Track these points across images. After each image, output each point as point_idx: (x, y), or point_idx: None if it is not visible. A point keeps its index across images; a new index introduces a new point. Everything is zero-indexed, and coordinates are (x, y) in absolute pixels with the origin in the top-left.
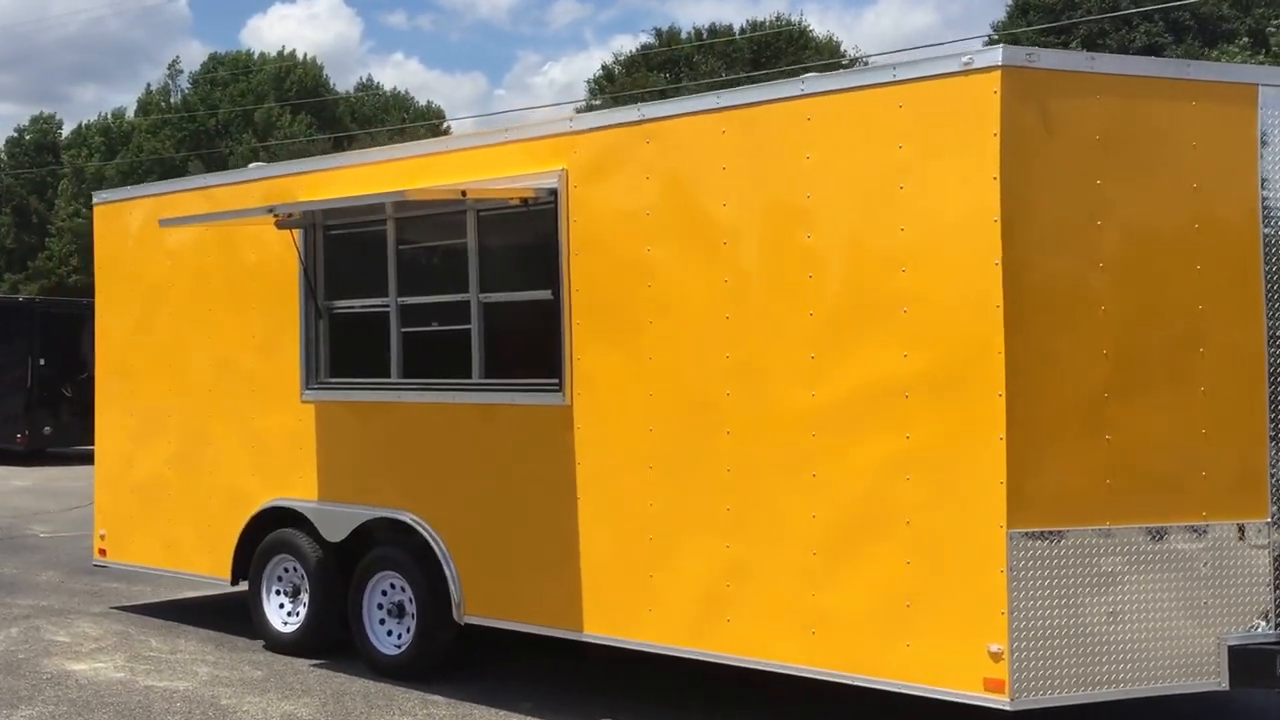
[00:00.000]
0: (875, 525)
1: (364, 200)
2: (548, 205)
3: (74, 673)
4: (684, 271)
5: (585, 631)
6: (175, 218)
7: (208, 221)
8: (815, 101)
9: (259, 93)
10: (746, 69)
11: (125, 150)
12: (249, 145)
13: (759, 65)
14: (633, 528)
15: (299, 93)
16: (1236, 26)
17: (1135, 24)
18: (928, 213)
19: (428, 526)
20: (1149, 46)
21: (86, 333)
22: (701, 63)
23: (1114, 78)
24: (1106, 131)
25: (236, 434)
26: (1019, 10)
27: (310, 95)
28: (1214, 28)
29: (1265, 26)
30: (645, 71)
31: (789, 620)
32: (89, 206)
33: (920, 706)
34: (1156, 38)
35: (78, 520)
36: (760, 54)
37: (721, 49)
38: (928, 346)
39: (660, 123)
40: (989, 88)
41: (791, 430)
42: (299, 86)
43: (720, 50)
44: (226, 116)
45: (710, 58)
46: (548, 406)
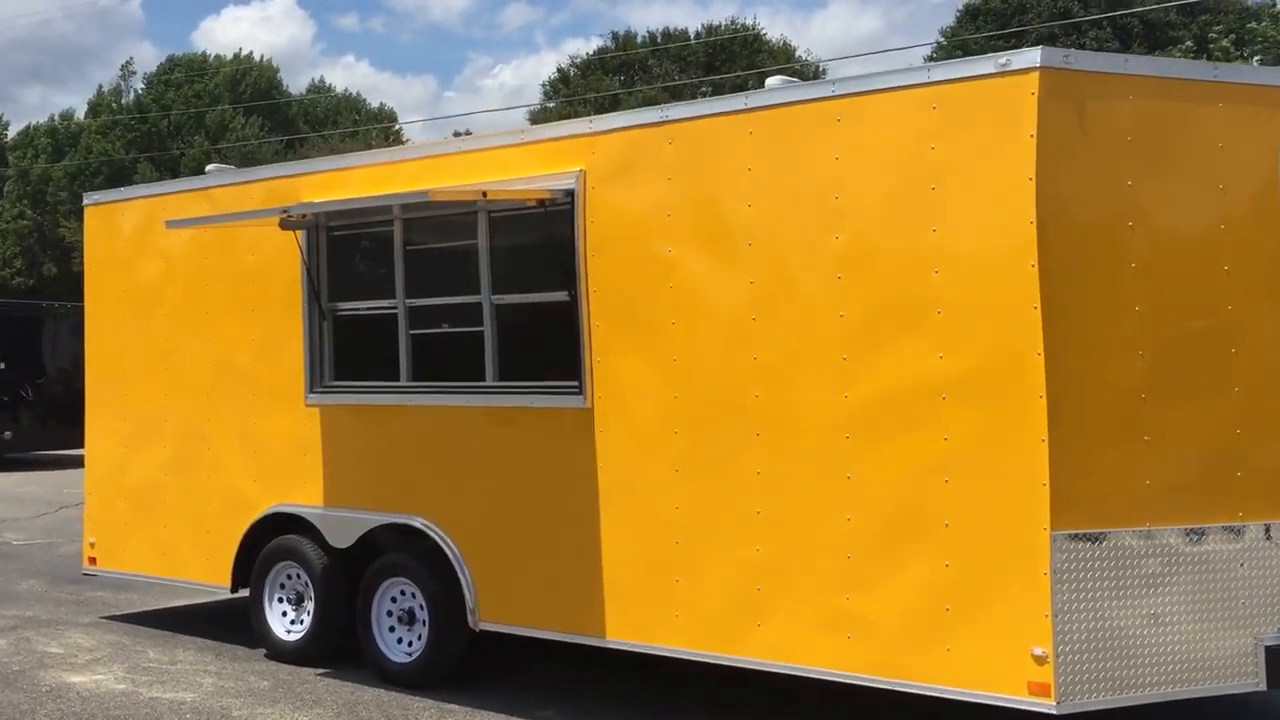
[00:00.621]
0: (912, 528)
1: (384, 200)
2: (565, 206)
3: (74, 685)
4: (708, 273)
5: (608, 638)
6: (183, 219)
7: (217, 223)
8: (845, 103)
9: (214, 95)
10: (701, 73)
11: (73, 152)
12: (201, 148)
13: (714, 69)
14: (657, 531)
15: (253, 95)
16: (1181, 33)
17: (1084, 29)
18: (962, 214)
19: (440, 531)
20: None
21: (46, 335)
22: (656, 66)
23: (1145, 79)
24: (1137, 133)
25: (236, 438)
26: (968, 16)
27: (264, 97)
28: (1160, 34)
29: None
30: (600, 75)
31: (823, 624)
32: (34, 209)
33: (926, 708)
34: (1105, 43)
35: (50, 527)
36: (715, 57)
37: (676, 53)
38: (964, 348)
39: (683, 124)
40: (1026, 89)
41: (824, 432)
42: (253, 89)
43: (675, 54)
44: (179, 118)
45: (665, 61)
46: (567, 409)
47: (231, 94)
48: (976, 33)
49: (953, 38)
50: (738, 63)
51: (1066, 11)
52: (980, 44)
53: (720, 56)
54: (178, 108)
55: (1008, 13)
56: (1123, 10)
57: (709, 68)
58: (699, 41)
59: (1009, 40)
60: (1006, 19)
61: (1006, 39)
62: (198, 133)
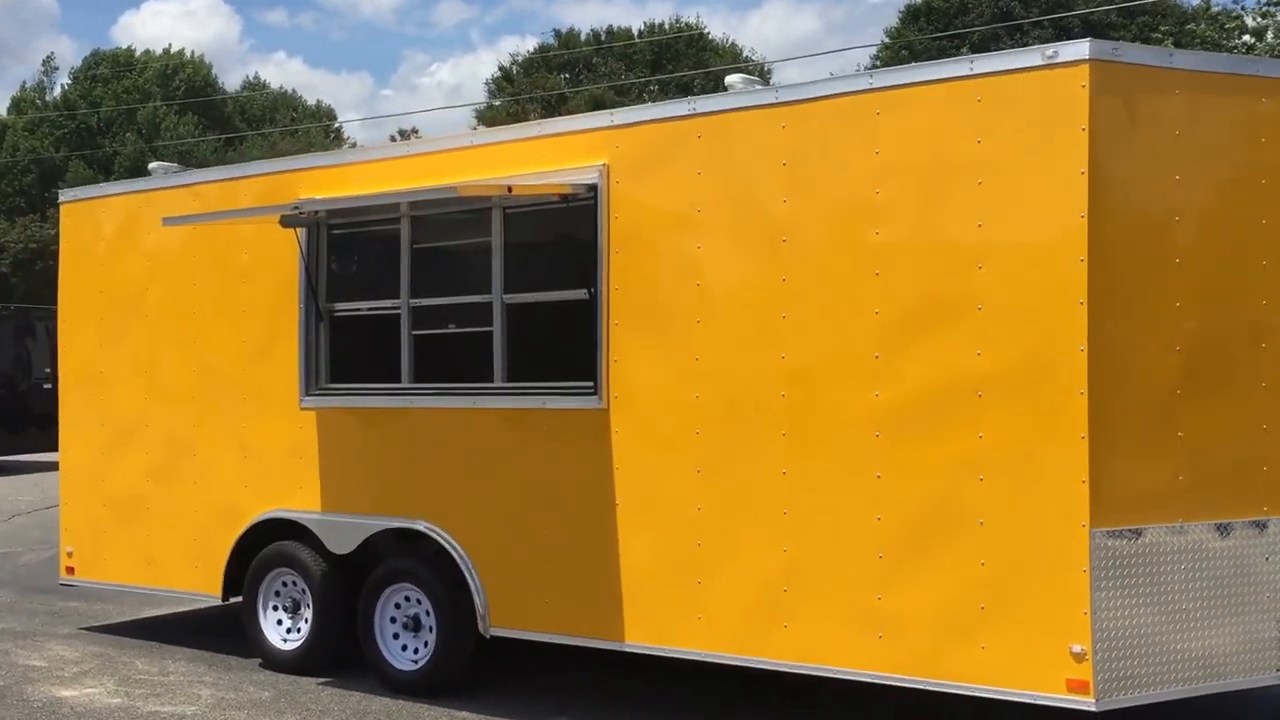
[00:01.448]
0: (946, 526)
1: (409, 196)
2: (586, 202)
3: (65, 700)
4: (737, 270)
5: (626, 641)
6: (181, 216)
7: (218, 219)
8: (884, 96)
9: (145, 91)
10: (647, 71)
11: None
12: (134, 145)
13: (659, 68)
14: (678, 533)
15: (187, 92)
16: (1122, 34)
17: (1026, 30)
18: (1009, 208)
19: (448, 536)
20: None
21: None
22: (601, 64)
23: (1189, 73)
24: (1184, 127)
25: (225, 443)
26: (911, 16)
27: (198, 94)
28: (1100, 34)
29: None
30: (545, 72)
31: (853, 624)
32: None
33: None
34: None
35: (10, 535)
36: (661, 56)
37: (620, 51)
38: (1004, 344)
39: (713, 117)
40: (1077, 81)
41: (854, 431)
42: (186, 85)
43: (620, 52)
44: (110, 115)
45: (610, 59)
46: (582, 410)
47: (163, 90)
48: (919, 33)
49: (897, 38)
50: (683, 61)
51: (1008, 12)
52: (923, 43)
53: (666, 55)
54: (107, 104)
55: (950, 12)
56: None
57: (655, 66)
58: (644, 40)
59: (953, 41)
60: (949, 19)
61: (950, 39)
62: (129, 130)
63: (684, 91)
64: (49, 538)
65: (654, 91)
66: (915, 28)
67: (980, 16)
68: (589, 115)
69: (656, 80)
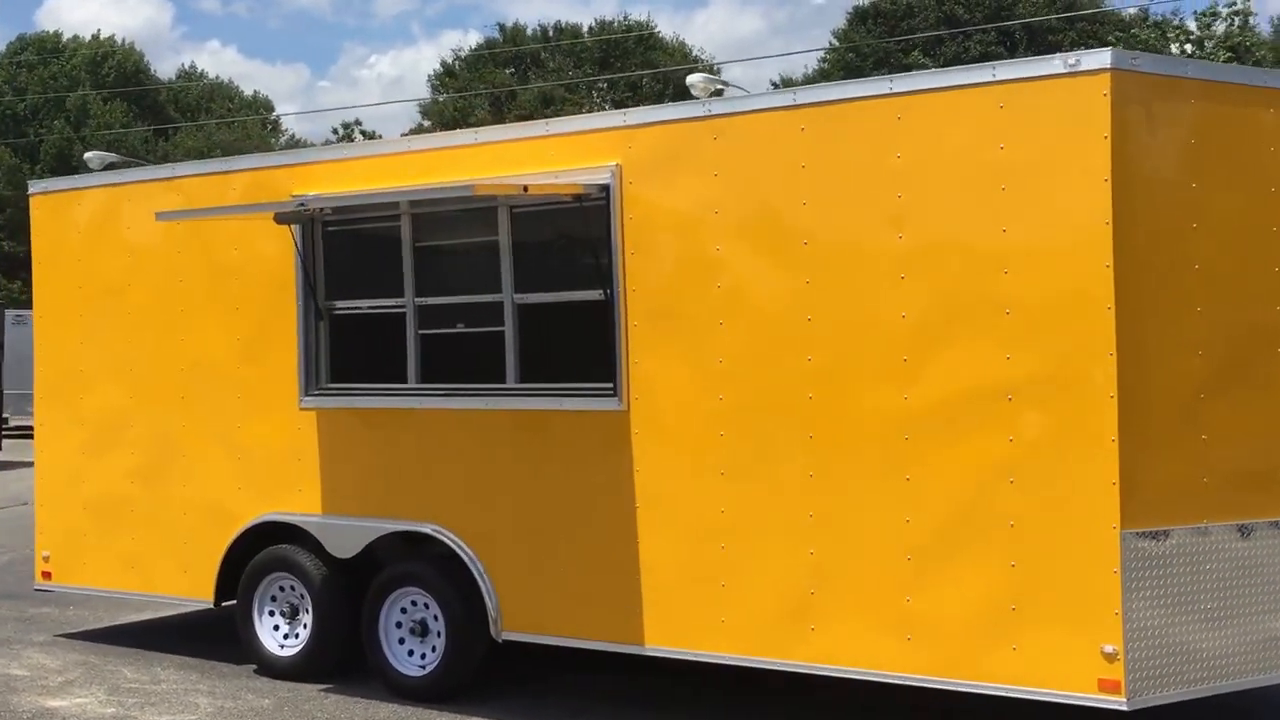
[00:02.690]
0: (976, 528)
1: (418, 194)
2: (598, 202)
3: (56, 710)
4: (759, 272)
5: (647, 645)
6: (175, 211)
7: (215, 215)
8: (906, 100)
9: (73, 77)
10: (595, 69)
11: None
12: (62, 133)
13: (607, 65)
14: (701, 536)
15: (117, 79)
16: (1063, 39)
17: (970, 34)
18: (1033, 214)
19: (457, 539)
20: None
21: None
22: (549, 60)
23: (1203, 83)
24: (1198, 135)
25: (216, 444)
26: (858, 18)
27: (129, 82)
28: (1042, 39)
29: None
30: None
31: (881, 626)
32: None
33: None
34: (990, 47)
35: None
36: (609, 54)
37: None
38: (1033, 349)
39: (730, 118)
40: (1099, 90)
41: (882, 434)
42: (116, 72)
43: (567, 49)
44: (36, 102)
45: (558, 56)
46: (601, 412)
47: (93, 77)
48: (867, 35)
49: (844, 40)
50: (632, 59)
51: (953, 14)
52: (871, 46)
53: (614, 53)
54: (33, 90)
55: (897, 15)
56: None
57: (603, 64)
58: (593, 39)
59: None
60: (895, 22)
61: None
62: (57, 117)
63: (633, 90)
64: (6, 541)
65: (603, 89)
66: (863, 29)
67: (926, 20)
68: (600, 115)
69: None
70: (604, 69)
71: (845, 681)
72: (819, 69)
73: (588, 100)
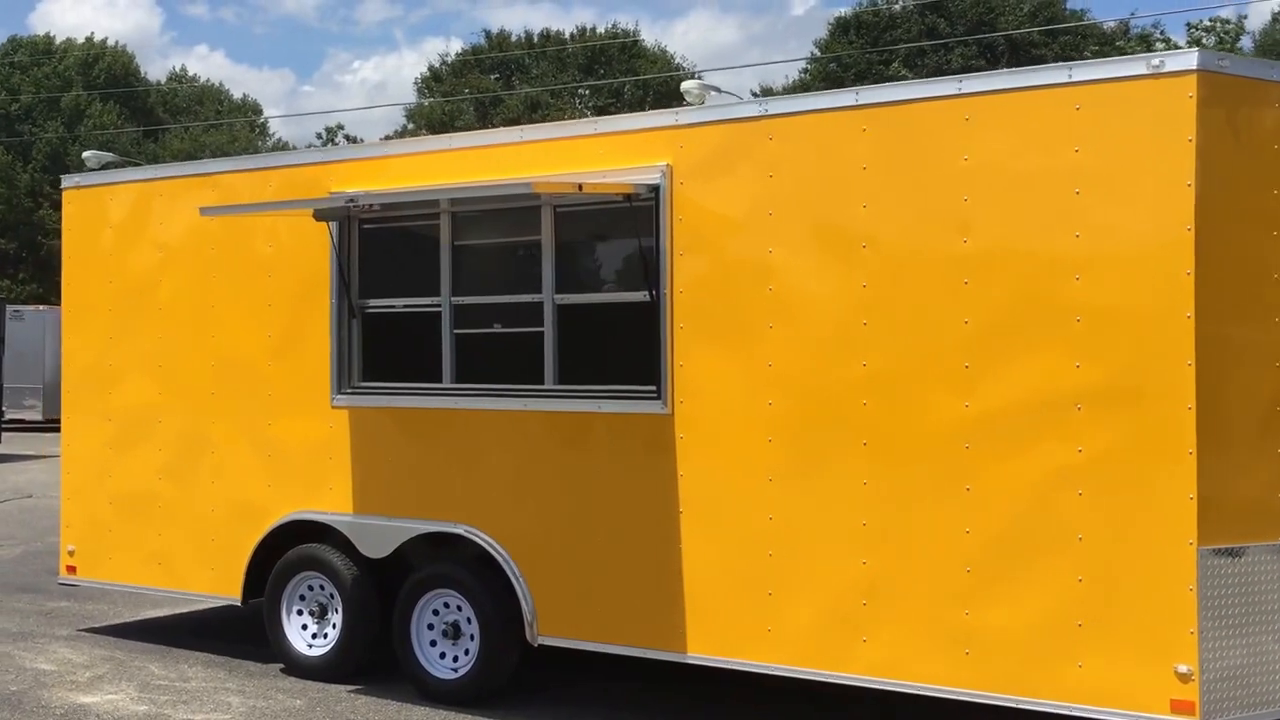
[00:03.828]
0: (1041, 541)
1: (476, 191)
2: (646, 202)
3: (88, 706)
4: (813, 275)
5: (689, 653)
6: (219, 206)
7: (258, 211)
8: (975, 101)
9: (65, 78)
10: (580, 75)
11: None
12: (55, 133)
13: (590, 72)
14: (748, 543)
15: (108, 81)
16: (1045, 53)
17: (952, 47)
18: (1109, 219)
19: (493, 542)
20: (964, 67)
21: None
22: (533, 66)
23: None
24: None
25: (246, 441)
26: (840, 29)
27: (120, 84)
28: (1025, 53)
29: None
30: (479, 73)
31: (937, 640)
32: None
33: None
34: (971, 60)
35: None
36: (594, 60)
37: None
38: (1105, 357)
39: (787, 119)
40: (1184, 92)
41: (942, 442)
42: (108, 74)
43: (552, 55)
44: (30, 102)
45: (542, 62)
46: (644, 415)
47: (85, 79)
48: (849, 45)
49: (827, 50)
50: (616, 66)
51: (934, 27)
52: (853, 57)
53: (598, 60)
54: (26, 90)
55: (879, 27)
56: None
57: (587, 70)
58: (577, 45)
59: (881, 54)
60: (878, 33)
61: (879, 53)
62: (50, 118)
63: (615, 96)
64: (14, 533)
65: (585, 95)
66: (845, 40)
67: (908, 32)
68: (650, 114)
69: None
70: (588, 75)
71: (887, 695)
72: (800, 79)
73: (570, 106)
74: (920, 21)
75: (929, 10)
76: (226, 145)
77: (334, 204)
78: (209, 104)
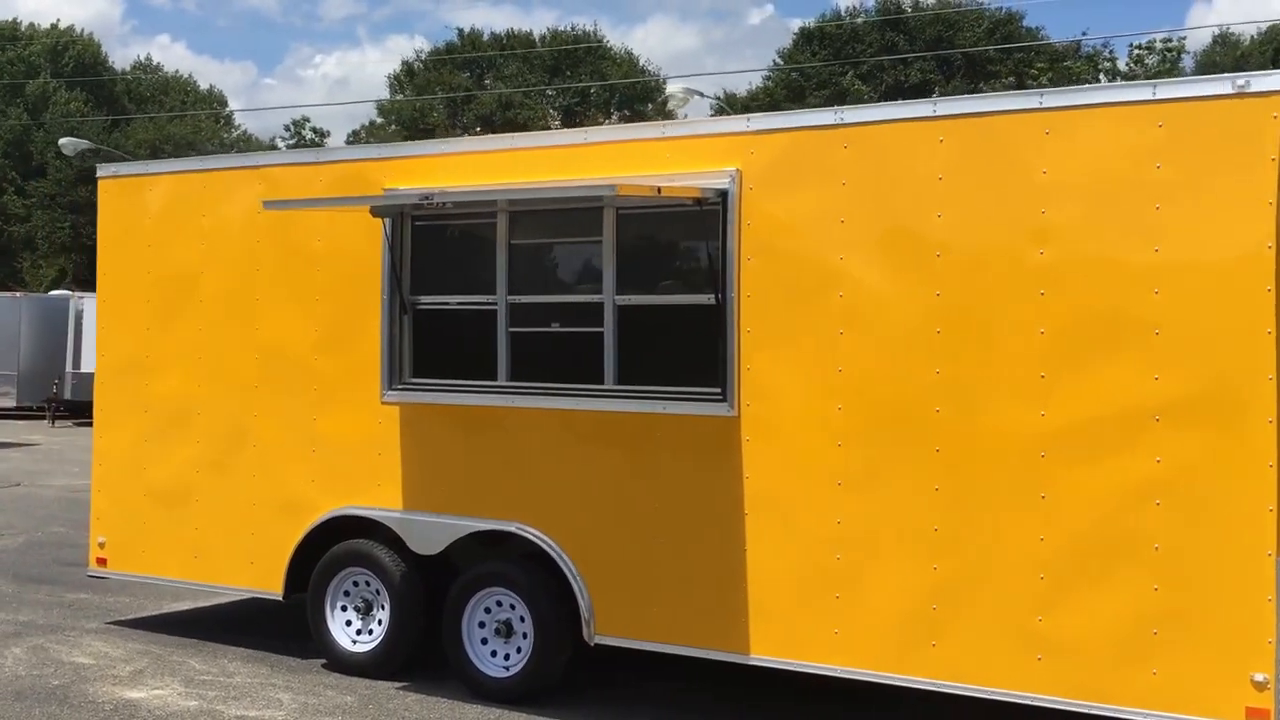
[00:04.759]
0: (1117, 549)
1: (559, 190)
2: (714, 207)
3: (137, 702)
4: (886, 283)
5: (752, 654)
6: (282, 200)
7: (321, 206)
8: (1056, 115)
9: (31, 64)
10: (546, 75)
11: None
12: (19, 119)
13: (558, 72)
14: (816, 546)
15: (76, 69)
16: (999, 68)
17: (910, 61)
18: (1189, 235)
19: (550, 541)
20: (922, 81)
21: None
22: (504, 66)
23: None
24: None
25: (289, 435)
26: (804, 39)
27: (88, 72)
28: (980, 68)
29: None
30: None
31: (1009, 645)
32: None
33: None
34: (929, 74)
35: None
36: (560, 62)
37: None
38: (1184, 370)
39: (861, 128)
40: (1269, 112)
41: (1017, 450)
42: (76, 62)
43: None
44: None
45: (513, 62)
46: (709, 417)
47: (53, 66)
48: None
49: (790, 60)
50: (583, 69)
51: (894, 42)
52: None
53: (565, 61)
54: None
55: (841, 39)
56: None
57: (554, 71)
58: (546, 48)
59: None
60: (840, 45)
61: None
62: (13, 104)
63: (581, 97)
64: (14, 522)
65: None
66: (809, 51)
67: (870, 47)
68: (721, 120)
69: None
70: (555, 76)
71: (932, 698)
72: (763, 86)
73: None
74: (881, 37)
75: (890, 26)
76: (191, 136)
77: (408, 199)
78: (174, 94)
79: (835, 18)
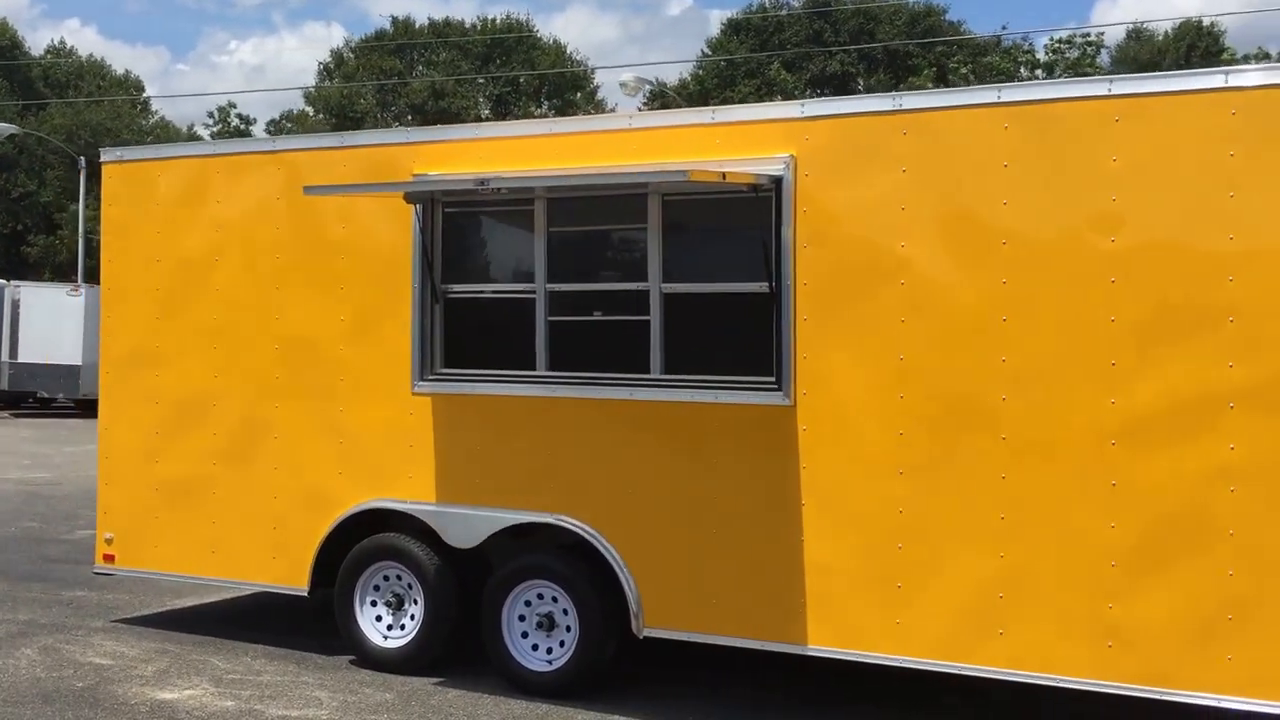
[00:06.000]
0: (1190, 536)
1: (630, 176)
2: (766, 193)
3: (173, 703)
4: (949, 270)
5: (810, 645)
6: (325, 185)
7: (360, 192)
8: (1126, 103)
9: None
10: (478, 64)
11: None
12: None
13: (489, 61)
14: (876, 536)
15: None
16: (919, 62)
17: (833, 53)
18: (1264, 222)
19: (595, 533)
20: (843, 73)
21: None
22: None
23: None
24: None
25: (314, 427)
26: (731, 29)
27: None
28: (901, 62)
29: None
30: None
31: (1078, 633)
32: None
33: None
34: (849, 66)
35: None
36: (492, 50)
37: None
38: (1259, 357)
39: (922, 114)
40: None
41: (1086, 438)
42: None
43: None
44: None
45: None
46: (765, 406)
47: None
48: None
49: (718, 49)
50: (514, 57)
51: (819, 33)
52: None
53: (497, 50)
54: None
55: (767, 30)
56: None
57: (486, 59)
58: (477, 37)
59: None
60: (766, 36)
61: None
62: None
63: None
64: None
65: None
66: (736, 40)
67: (796, 35)
68: (773, 105)
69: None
70: (486, 64)
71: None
72: (694, 74)
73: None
74: (808, 26)
75: (816, 17)
76: (110, 122)
77: (461, 184)
78: (90, 79)
79: (761, 10)
